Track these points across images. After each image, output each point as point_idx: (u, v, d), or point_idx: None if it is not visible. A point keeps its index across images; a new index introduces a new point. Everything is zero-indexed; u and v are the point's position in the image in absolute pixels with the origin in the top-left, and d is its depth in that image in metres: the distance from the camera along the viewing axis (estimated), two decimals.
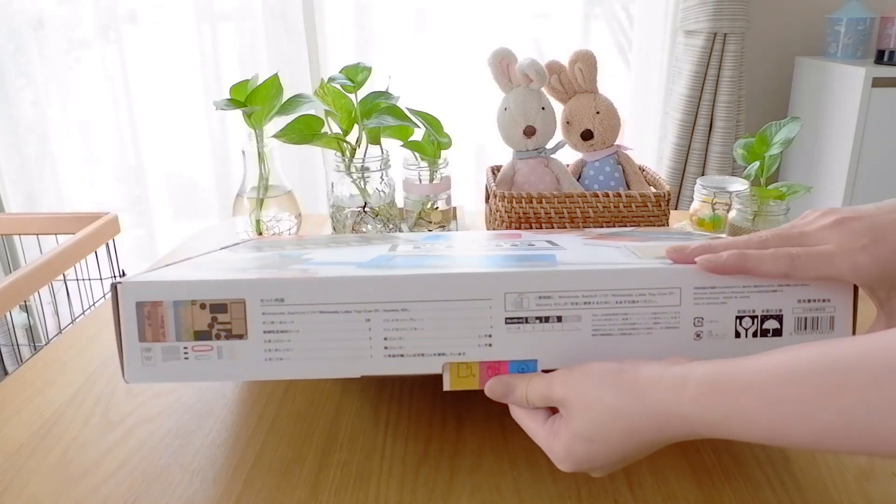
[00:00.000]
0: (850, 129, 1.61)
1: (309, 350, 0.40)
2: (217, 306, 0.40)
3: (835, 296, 0.41)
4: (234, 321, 0.40)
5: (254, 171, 0.83)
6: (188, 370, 0.40)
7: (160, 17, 1.78)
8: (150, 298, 0.40)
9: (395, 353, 0.40)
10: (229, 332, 0.40)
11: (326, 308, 0.40)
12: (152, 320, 0.40)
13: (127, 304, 0.40)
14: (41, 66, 1.83)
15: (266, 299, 0.40)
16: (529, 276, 0.41)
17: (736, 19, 1.67)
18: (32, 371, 0.59)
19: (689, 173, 1.82)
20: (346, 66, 0.79)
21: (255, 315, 0.40)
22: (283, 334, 0.40)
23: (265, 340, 0.40)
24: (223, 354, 0.40)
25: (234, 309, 0.40)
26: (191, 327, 0.40)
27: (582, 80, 0.85)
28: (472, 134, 1.80)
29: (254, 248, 0.59)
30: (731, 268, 0.40)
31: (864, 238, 0.38)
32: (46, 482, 0.45)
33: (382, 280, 0.41)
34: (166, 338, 0.40)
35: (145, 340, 0.40)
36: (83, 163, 1.92)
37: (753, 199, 0.73)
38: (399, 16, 1.79)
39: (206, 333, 0.40)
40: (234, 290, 0.40)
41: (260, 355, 0.40)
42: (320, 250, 0.56)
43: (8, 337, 1.58)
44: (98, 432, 0.50)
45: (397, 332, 0.40)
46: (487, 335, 0.41)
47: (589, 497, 0.43)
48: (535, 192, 0.80)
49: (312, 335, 0.40)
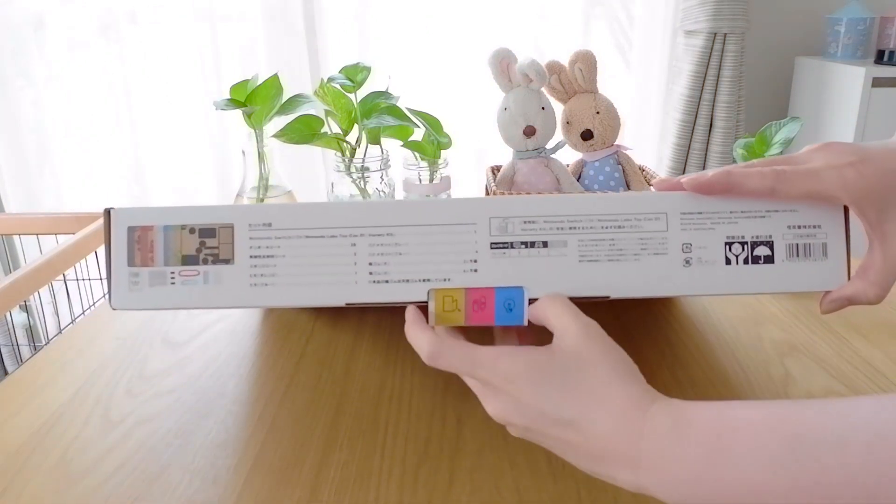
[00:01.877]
0: (850, 129, 1.61)
1: (294, 276, 0.41)
2: (206, 230, 0.41)
3: (825, 221, 0.41)
4: (222, 246, 0.41)
5: (254, 171, 0.83)
6: (174, 296, 0.41)
7: (160, 17, 1.78)
8: (142, 223, 0.41)
9: (381, 278, 0.41)
10: (216, 257, 0.41)
11: (313, 233, 0.41)
12: (142, 244, 0.41)
13: (118, 229, 0.41)
14: (41, 66, 1.83)
15: (254, 224, 0.41)
16: (513, 201, 0.41)
17: (736, 19, 1.67)
18: (32, 371, 0.59)
19: (688, 173, 1.81)
20: (346, 66, 0.79)
21: (242, 239, 0.41)
22: (269, 259, 0.41)
23: (251, 265, 0.41)
24: (209, 279, 0.41)
25: (223, 233, 0.41)
26: (179, 251, 0.41)
27: (582, 80, 0.85)
28: (472, 134, 1.80)
29: None
30: (716, 185, 0.39)
31: (851, 156, 0.38)
32: (46, 482, 0.45)
33: (369, 205, 0.42)
34: (154, 262, 0.41)
35: (134, 265, 0.41)
36: (83, 163, 1.92)
37: None
38: (399, 16, 1.79)
39: (193, 258, 0.41)
40: (224, 215, 0.41)
41: (245, 280, 0.41)
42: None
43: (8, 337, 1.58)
44: (98, 432, 0.50)
45: (382, 256, 0.41)
46: (473, 260, 0.41)
47: (589, 497, 0.43)
48: (535, 192, 0.79)
49: (298, 260, 0.41)
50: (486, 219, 0.41)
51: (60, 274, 1.16)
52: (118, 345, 0.63)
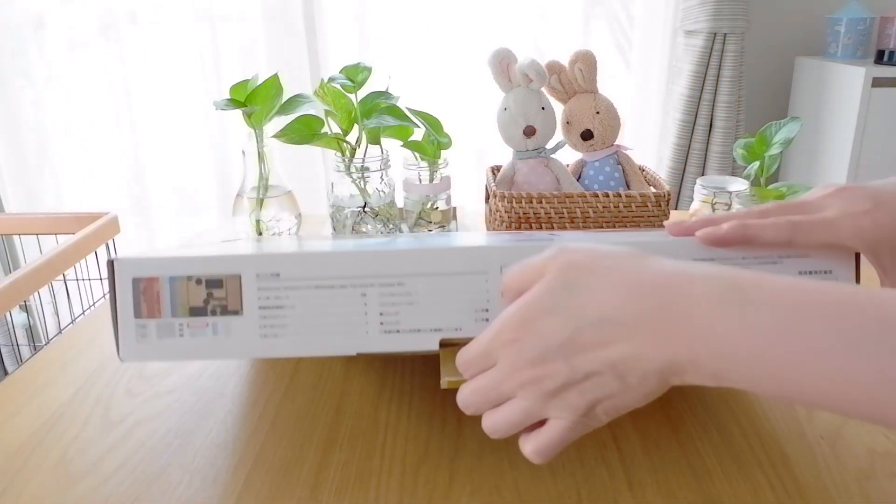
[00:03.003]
0: (850, 129, 1.61)
1: (304, 326, 0.40)
2: (213, 282, 0.40)
3: (837, 266, 0.40)
4: (230, 297, 0.40)
5: (254, 171, 0.83)
6: (183, 347, 0.40)
7: (160, 17, 1.78)
8: (147, 274, 0.40)
9: (392, 328, 0.40)
10: (224, 308, 0.40)
11: (322, 283, 0.40)
12: (148, 296, 0.40)
13: (123, 280, 0.40)
14: (41, 66, 1.83)
15: (262, 274, 0.40)
16: (524, 250, 0.41)
17: (736, 19, 1.67)
18: (32, 371, 0.59)
19: (689, 173, 1.82)
20: (346, 66, 0.79)
21: (250, 290, 0.40)
22: (278, 310, 0.40)
23: (261, 316, 0.40)
24: (218, 331, 0.40)
25: (230, 284, 0.40)
26: (186, 303, 0.40)
27: (582, 80, 0.85)
28: (472, 134, 1.80)
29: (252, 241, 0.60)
30: (731, 238, 0.39)
31: (866, 203, 0.37)
32: (46, 482, 0.45)
33: (378, 255, 0.41)
34: (162, 314, 0.40)
35: (141, 317, 0.40)
36: (83, 163, 1.92)
37: (753, 199, 0.73)
38: (399, 16, 1.79)
39: (201, 309, 0.40)
40: (230, 265, 0.41)
41: (255, 332, 0.40)
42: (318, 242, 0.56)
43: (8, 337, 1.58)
44: (98, 432, 0.50)
45: (393, 306, 0.40)
46: (484, 309, 0.41)
47: (589, 497, 0.43)
48: (535, 192, 0.79)
49: (308, 311, 0.40)
50: (498, 267, 0.41)
51: (60, 274, 1.16)
52: None
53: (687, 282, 0.31)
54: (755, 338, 0.28)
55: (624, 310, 0.31)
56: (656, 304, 0.31)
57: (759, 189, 0.74)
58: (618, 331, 0.31)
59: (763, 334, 0.28)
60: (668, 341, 0.30)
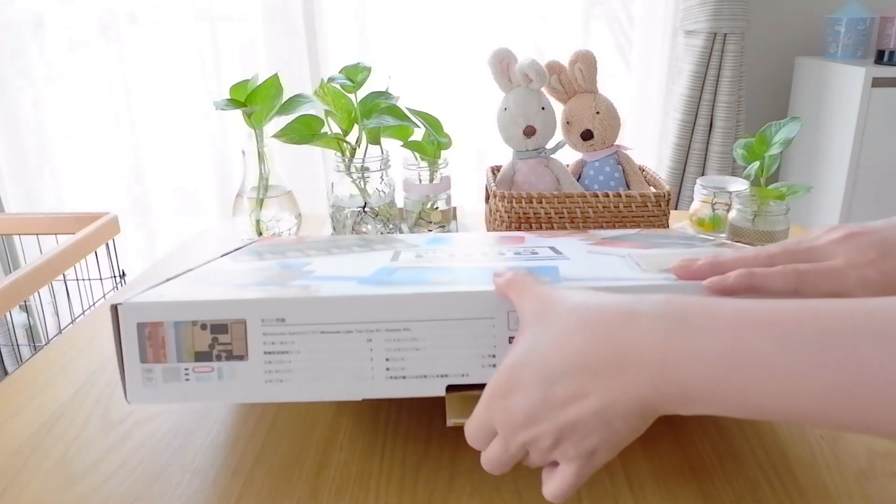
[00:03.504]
0: (850, 129, 1.61)
1: (310, 371, 0.40)
2: (217, 326, 0.40)
3: None
4: (235, 342, 0.40)
5: (254, 171, 0.83)
6: (189, 391, 0.40)
7: (160, 17, 1.78)
8: (151, 319, 0.40)
9: (398, 374, 0.40)
10: (230, 353, 0.40)
11: (328, 328, 0.40)
12: (153, 341, 0.40)
13: (128, 325, 0.40)
14: (41, 66, 1.83)
15: (267, 319, 0.40)
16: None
17: (736, 19, 1.67)
18: (32, 371, 0.59)
19: (689, 173, 1.82)
20: (346, 66, 0.79)
21: (255, 335, 0.40)
22: (283, 355, 0.40)
23: (266, 361, 0.40)
24: (223, 375, 0.40)
25: (235, 329, 0.40)
26: (191, 348, 0.40)
27: (582, 80, 0.85)
28: (472, 134, 1.80)
29: (254, 254, 0.59)
30: (738, 288, 0.39)
31: (872, 252, 0.38)
32: (46, 482, 0.45)
33: (384, 299, 0.40)
34: (167, 359, 0.40)
35: (146, 361, 0.40)
36: (83, 163, 1.92)
37: (753, 199, 0.73)
38: (399, 16, 1.79)
39: (206, 354, 0.40)
40: (235, 310, 0.40)
41: (260, 377, 0.40)
42: (322, 258, 0.55)
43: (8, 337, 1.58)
44: (98, 432, 0.50)
45: (399, 352, 0.40)
46: (491, 354, 0.40)
47: (589, 497, 0.43)
48: (535, 192, 0.79)
49: (313, 356, 0.40)
50: (505, 313, 0.40)
51: (60, 274, 1.16)
52: None
53: (633, 320, 0.32)
54: (707, 366, 0.30)
55: (582, 358, 0.33)
56: (610, 347, 0.32)
57: (759, 189, 0.74)
58: (584, 381, 0.32)
59: (713, 361, 0.29)
60: (632, 382, 0.31)
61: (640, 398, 0.32)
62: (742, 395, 0.29)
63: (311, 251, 0.61)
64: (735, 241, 0.74)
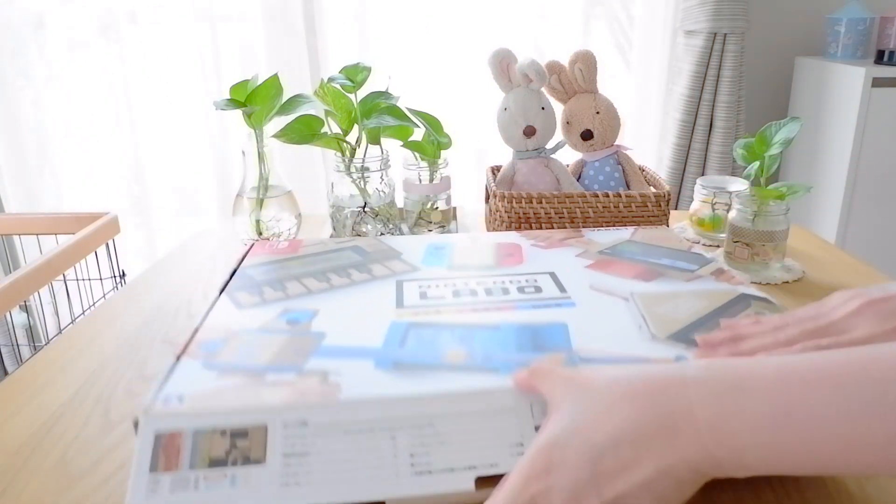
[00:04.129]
0: (850, 129, 1.61)
1: (331, 472, 0.38)
2: (238, 432, 0.39)
3: None
4: (254, 447, 0.39)
5: (254, 171, 0.83)
6: (197, 500, 0.37)
7: (160, 17, 1.78)
8: (171, 429, 0.39)
9: (423, 469, 0.38)
10: (246, 458, 0.38)
11: (351, 428, 0.39)
12: (167, 450, 0.38)
13: (145, 434, 0.39)
14: (41, 66, 1.83)
15: (289, 423, 0.39)
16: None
17: (736, 19, 1.67)
18: (32, 371, 0.59)
19: (689, 173, 1.82)
20: (346, 66, 0.79)
21: (276, 439, 0.39)
22: (303, 457, 0.38)
23: (284, 465, 0.38)
24: (237, 482, 0.37)
25: (255, 434, 0.39)
26: (207, 455, 0.38)
27: (582, 80, 0.85)
28: (472, 134, 1.80)
29: (255, 290, 0.59)
30: None
31: (893, 320, 0.37)
32: (46, 482, 0.45)
33: (407, 400, 0.40)
34: (179, 467, 0.38)
35: (156, 471, 0.38)
36: (83, 163, 1.92)
37: (753, 199, 0.73)
38: (399, 16, 1.79)
39: (221, 461, 0.38)
40: (259, 416, 0.39)
41: (277, 480, 0.37)
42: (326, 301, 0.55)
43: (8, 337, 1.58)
44: (98, 432, 0.50)
45: (424, 447, 0.39)
46: (519, 444, 0.39)
47: None
48: (535, 192, 0.79)
49: (335, 456, 0.38)
50: (528, 405, 0.40)
51: (60, 274, 1.16)
52: (118, 345, 0.63)
53: (682, 386, 0.32)
54: (761, 427, 0.29)
55: (632, 428, 0.32)
56: (661, 414, 0.32)
57: (759, 189, 0.74)
58: (635, 451, 0.31)
59: (767, 422, 0.29)
60: (685, 449, 0.31)
61: (694, 464, 0.31)
62: (797, 453, 0.29)
63: (311, 280, 0.60)
64: (735, 240, 0.74)
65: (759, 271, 0.74)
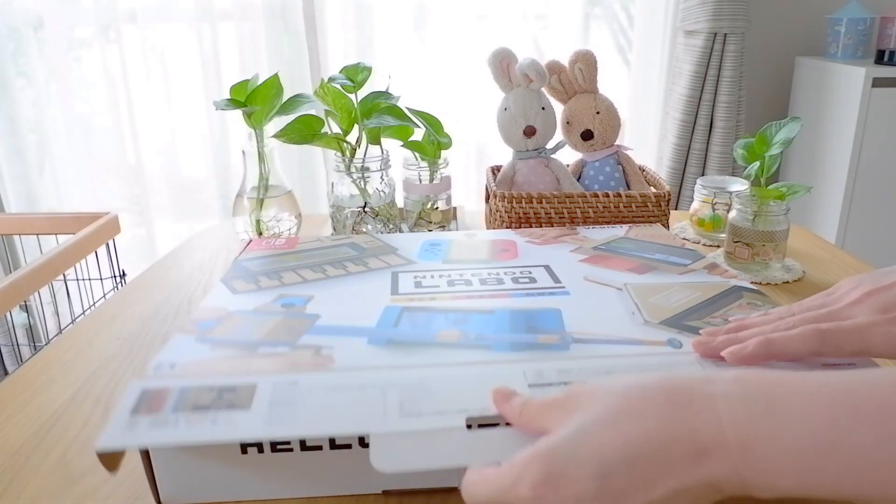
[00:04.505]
0: (850, 129, 1.61)
1: (316, 415, 0.37)
2: (227, 388, 0.40)
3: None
4: (241, 398, 0.39)
5: (254, 171, 0.83)
6: (174, 436, 0.36)
7: (160, 17, 1.78)
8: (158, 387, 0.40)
9: (412, 412, 0.37)
10: (232, 405, 0.38)
11: (341, 386, 0.40)
12: (153, 401, 0.39)
13: (132, 392, 0.39)
14: (41, 66, 1.83)
15: (280, 383, 0.40)
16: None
17: (736, 19, 1.67)
18: (32, 371, 0.59)
19: (689, 173, 1.82)
20: (346, 66, 0.79)
21: (264, 393, 0.39)
22: (289, 406, 0.38)
23: (269, 412, 0.38)
24: (218, 422, 0.37)
25: (244, 390, 0.40)
26: (192, 404, 0.38)
27: (582, 80, 0.85)
28: (472, 134, 1.80)
29: (251, 279, 0.59)
30: (758, 356, 0.39)
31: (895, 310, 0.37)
32: (46, 482, 0.45)
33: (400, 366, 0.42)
34: (161, 412, 0.38)
35: (138, 414, 0.37)
36: (83, 163, 1.92)
37: (753, 199, 0.73)
38: (399, 16, 1.79)
39: (205, 407, 0.38)
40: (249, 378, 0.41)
41: (260, 420, 0.37)
42: (320, 287, 0.56)
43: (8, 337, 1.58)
44: (98, 432, 0.50)
45: (414, 398, 0.38)
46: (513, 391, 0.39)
47: None
48: (535, 192, 0.79)
49: (323, 405, 0.38)
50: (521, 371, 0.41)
51: (60, 274, 1.16)
52: (118, 345, 0.63)
53: (709, 402, 0.29)
54: (800, 457, 0.27)
55: (649, 444, 0.29)
56: (684, 431, 0.29)
57: (759, 189, 0.74)
58: (651, 470, 0.29)
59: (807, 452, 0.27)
60: (710, 470, 0.28)
61: (717, 484, 0.29)
62: (837, 485, 0.27)
63: (307, 271, 0.60)
64: (735, 240, 0.74)
65: (760, 271, 0.74)
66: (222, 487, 0.40)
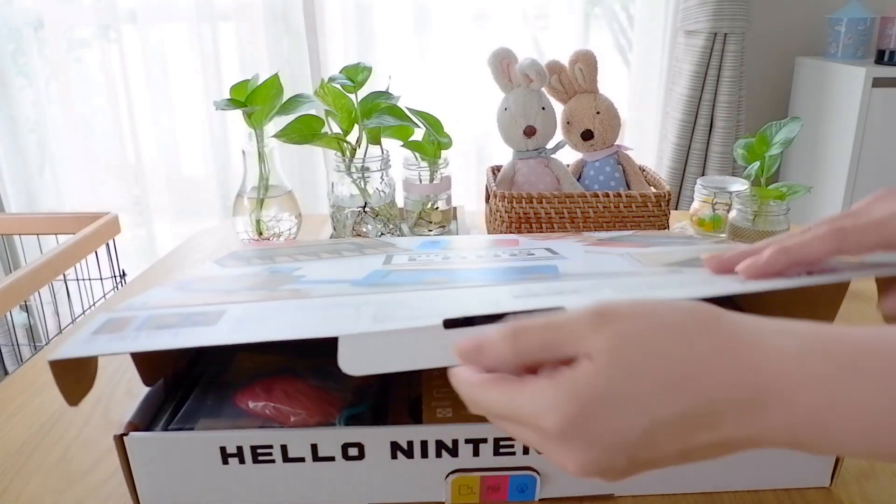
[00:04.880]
0: (850, 129, 1.61)
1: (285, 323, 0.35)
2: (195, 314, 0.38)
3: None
4: (208, 319, 0.36)
5: (254, 171, 0.83)
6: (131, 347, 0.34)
7: (160, 17, 1.78)
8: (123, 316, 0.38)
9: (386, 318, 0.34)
10: (197, 323, 0.36)
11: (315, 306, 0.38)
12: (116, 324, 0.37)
13: (97, 320, 0.38)
14: (41, 66, 1.83)
15: (251, 308, 0.38)
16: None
17: (736, 19, 1.67)
18: (32, 371, 0.59)
19: (689, 173, 1.82)
20: (346, 66, 0.79)
21: (232, 314, 0.37)
22: (259, 321, 0.36)
23: (236, 325, 0.35)
24: (179, 336, 0.34)
25: (212, 314, 0.38)
26: (156, 325, 0.37)
27: (582, 80, 0.85)
28: (472, 134, 1.80)
29: (242, 259, 0.58)
30: (775, 264, 0.36)
31: None
32: (46, 482, 0.45)
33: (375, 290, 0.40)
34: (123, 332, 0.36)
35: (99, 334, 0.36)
36: (83, 163, 1.92)
37: (754, 199, 0.73)
38: (399, 16, 1.79)
39: (170, 326, 0.36)
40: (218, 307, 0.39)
41: (225, 330, 0.35)
42: (312, 263, 0.54)
43: (8, 337, 1.58)
44: (98, 432, 0.50)
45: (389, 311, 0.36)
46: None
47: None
48: (535, 192, 0.79)
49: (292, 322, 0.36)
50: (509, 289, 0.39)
51: (60, 274, 1.16)
52: None
53: (778, 356, 0.26)
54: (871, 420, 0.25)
55: (707, 400, 0.26)
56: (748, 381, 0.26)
57: (760, 189, 0.74)
58: (700, 422, 0.26)
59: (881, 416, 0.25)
60: (767, 424, 0.26)
61: (767, 439, 0.26)
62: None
63: (301, 255, 0.60)
64: (735, 240, 0.74)
65: None
66: (203, 498, 0.40)
